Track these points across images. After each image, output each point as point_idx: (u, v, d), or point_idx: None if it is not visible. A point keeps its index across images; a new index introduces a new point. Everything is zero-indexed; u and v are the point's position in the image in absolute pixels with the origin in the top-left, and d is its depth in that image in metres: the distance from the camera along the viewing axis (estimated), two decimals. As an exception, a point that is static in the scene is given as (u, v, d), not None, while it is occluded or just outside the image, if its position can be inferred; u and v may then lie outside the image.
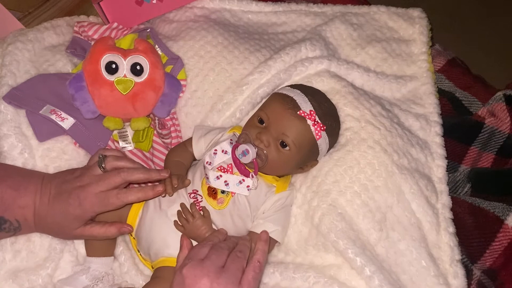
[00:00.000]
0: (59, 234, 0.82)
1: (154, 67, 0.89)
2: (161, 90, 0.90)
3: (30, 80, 0.91)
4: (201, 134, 0.90)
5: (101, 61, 0.86)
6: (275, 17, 1.10)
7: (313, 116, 0.82)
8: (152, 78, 0.89)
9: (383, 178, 0.85)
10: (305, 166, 0.86)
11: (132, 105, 0.89)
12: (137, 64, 0.87)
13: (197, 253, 0.72)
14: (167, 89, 0.91)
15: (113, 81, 0.87)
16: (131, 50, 0.90)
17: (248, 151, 0.79)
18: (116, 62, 0.87)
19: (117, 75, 0.87)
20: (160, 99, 0.91)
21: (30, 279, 0.80)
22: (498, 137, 1.01)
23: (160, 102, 0.91)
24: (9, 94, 0.87)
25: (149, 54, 0.89)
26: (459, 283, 0.82)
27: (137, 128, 0.91)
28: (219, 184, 0.82)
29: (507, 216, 0.85)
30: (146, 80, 0.88)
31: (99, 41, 0.90)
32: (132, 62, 0.87)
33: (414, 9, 1.10)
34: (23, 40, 0.95)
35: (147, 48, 0.90)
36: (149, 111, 0.91)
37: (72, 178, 0.79)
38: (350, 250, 0.79)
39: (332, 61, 0.97)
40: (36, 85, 0.90)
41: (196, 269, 0.68)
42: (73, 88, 0.87)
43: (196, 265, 0.69)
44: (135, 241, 0.87)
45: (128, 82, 0.87)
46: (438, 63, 1.10)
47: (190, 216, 0.81)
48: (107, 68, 0.86)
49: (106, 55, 0.87)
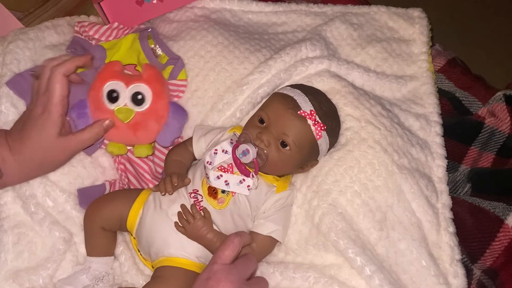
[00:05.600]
0: (46, 159, 0.80)
1: (157, 97, 0.85)
2: (163, 120, 0.87)
3: (36, 67, 0.90)
4: (201, 134, 0.90)
5: (103, 89, 0.84)
6: (275, 17, 1.10)
7: (314, 116, 0.82)
8: (154, 108, 0.85)
9: (383, 178, 0.85)
10: (305, 166, 0.86)
11: (133, 134, 0.86)
12: (139, 93, 0.84)
13: (228, 256, 0.73)
14: (171, 119, 0.87)
15: (113, 110, 0.84)
16: (135, 77, 0.86)
17: (249, 150, 0.79)
18: (118, 90, 0.84)
19: (117, 104, 0.84)
20: (163, 129, 0.87)
21: (31, 279, 0.80)
22: (498, 137, 1.01)
23: (162, 132, 0.87)
24: (13, 81, 0.87)
25: (152, 83, 0.85)
26: (459, 283, 0.82)
27: (140, 155, 0.89)
28: (219, 183, 0.82)
29: (507, 216, 0.85)
30: (148, 110, 0.85)
31: (106, 67, 0.87)
32: (134, 91, 0.84)
33: (414, 9, 1.10)
34: (24, 39, 0.95)
35: (152, 76, 0.86)
36: (152, 139, 0.88)
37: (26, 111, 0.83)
38: (351, 250, 0.79)
39: (332, 61, 0.97)
40: None
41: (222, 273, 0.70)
42: (75, 115, 0.86)
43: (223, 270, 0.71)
44: (135, 241, 0.87)
45: (128, 112, 0.84)
46: (438, 63, 1.10)
47: (190, 217, 0.81)
48: (108, 96, 0.84)
49: (109, 83, 0.84)
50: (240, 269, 0.72)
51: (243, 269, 0.73)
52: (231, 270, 0.70)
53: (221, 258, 0.72)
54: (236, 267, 0.72)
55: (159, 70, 0.89)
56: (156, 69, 0.89)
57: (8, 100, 0.88)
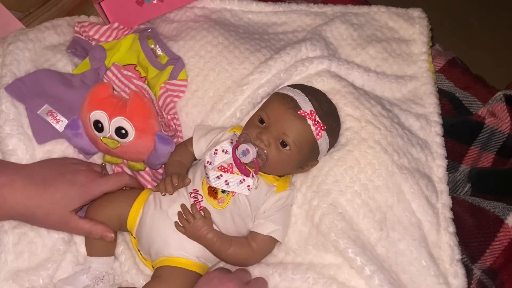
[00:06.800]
0: (45, 217, 0.79)
1: (140, 132, 0.84)
2: (149, 149, 0.86)
3: (34, 73, 0.91)
4: (201, 134, 0.90)
5: (90, 117, 0.84)
6: (275, 17, 1.10)
7: (314, 116, 0.82)
8: (138, 142, 0.84)
9: (383, 178, 0.85)
10: (305, 166, 0.86)
11: (123, 156, 0.88)
12: (122, 128, 0.83)
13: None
14: (158, 149, 0.85)
15: (100, 139, 0.84)
16: (119, 108, 0.83)
17: (249, 150, 0.79)
18: (102, 122, 0.83)
19: (103, 134, 0.84)
20: (151, 154, 0.86)
21: (31, 279, 0.80)
22: (498, 137, 1.01)
23: (151, 156, 0.87)
24: (12, 86, 0.87)
25: (134, 119, 0.83)
26: (459, 283, 0.82)
27: (133, 169, 0.91)
28: (219, 183, 0.82)
29: (507, 216, 0.85)
30: (132, 142, 0.84)
31: (94, 91, 0.85)
32: (116, 126, 0.83)
33: (414, 9, 1.10)
34: (24, 40, 0.95)
35: (136, 109, 0.83)
36: (141, 160, 0.89)
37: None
38: (350, 250, 0.79)
39: (332, 61, 0.97)
40: (39, 80, 0.90)
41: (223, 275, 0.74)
42: (71, 134, 0.86)
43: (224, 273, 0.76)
44: (135, 240, 0.87)
45: (114, 143, 0.84)
46: (438, 63, 1.10)
47: (190, 217, 0.80)
48: (95, 126, 0.84)
49: (94, 113, 0.83)
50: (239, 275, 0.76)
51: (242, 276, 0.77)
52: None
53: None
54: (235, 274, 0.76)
55: (144, 100, 0.85)
56: (141, 99, 0.85)
57: (8, 100, 0.87)
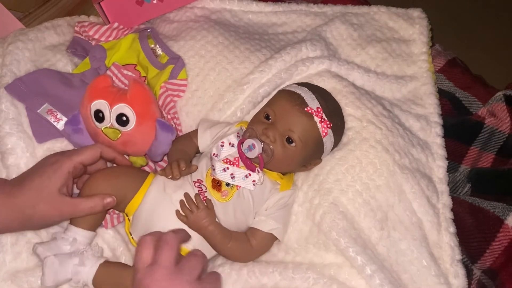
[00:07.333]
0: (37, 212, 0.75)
1: (141, 118, 0.83)
2: (151, 137, 0.85)
3: (34, 72, 0.91)
4: (207, 126, 0.90)
5: (90, 108, 0.83)
6: (275, 18, 1.10)
7: (320, 113, 0.82)
8: (139, 129, 0.84)
9: (384, 178, 0.85)
10: (308, 165, 0.86)
11: (124, 149, 0.86)
12: (123, 115, 0.82)
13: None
14: (159, 136, 0.85)
15: (101, 129, 0.83)
16: (120, 96, 0.83)
17: (254, 146, 0.79)
18: (103, 110, 0.82)
19: (104, 124, 0.83)
20: (153, 144, 0.85)
21: (29, 280, 0.80)
22: (498, 137, 1.02)
23: (152, 147, 0.86)
24: (12, 85, 0.87)
25: (135, 105, 0.83)
26: (460, 283, 0.82)
27: (135, 164, 0.89)
28: (225, 176, 0.81)
29: (507, 216, 0.85)
30: (133, 130, 0.83)
31: (93, 83, 0.85)
32: (118, 113, 0.82)
33: (414, 9, 1.10)
34: (23, 40, 0.94)
35: (136, 95, 0.83)
36: (143, 153, 0.88)
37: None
38: (351, 249, 0.79)
39: (332, 61, 0.97)
40: (39, 79, 0.90)
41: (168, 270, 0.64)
42: (71, 130, 0.86)
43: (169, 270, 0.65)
44: (129, 223, 0.84)
45: (115, 132, 0.83)
46: (438, 63, 1.10)
47: (194, 207, 0.79)
48: (95, 115, 0.83)
49: (94, 102, 0.83)
50: (186, 271, 0.65)
51: (189, 270, 0.65)
52: (176, 274, 0.64)
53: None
54: (181, 270, 0.65)
55: (144, 87, 0.85)
56: (142, 86, 0.85)
57: (8, 100, 0.87)
